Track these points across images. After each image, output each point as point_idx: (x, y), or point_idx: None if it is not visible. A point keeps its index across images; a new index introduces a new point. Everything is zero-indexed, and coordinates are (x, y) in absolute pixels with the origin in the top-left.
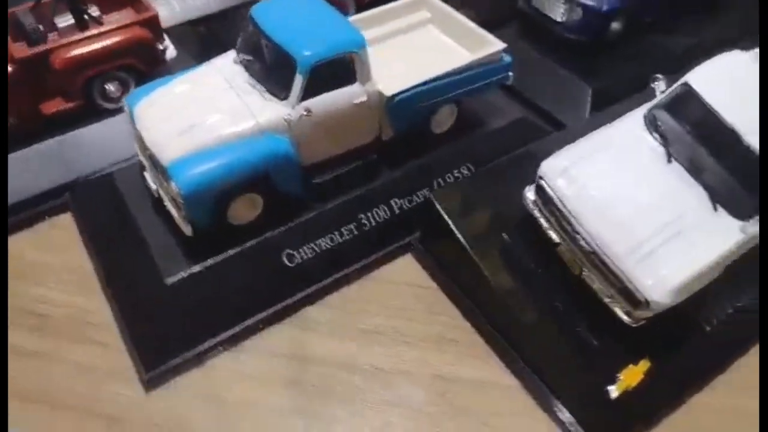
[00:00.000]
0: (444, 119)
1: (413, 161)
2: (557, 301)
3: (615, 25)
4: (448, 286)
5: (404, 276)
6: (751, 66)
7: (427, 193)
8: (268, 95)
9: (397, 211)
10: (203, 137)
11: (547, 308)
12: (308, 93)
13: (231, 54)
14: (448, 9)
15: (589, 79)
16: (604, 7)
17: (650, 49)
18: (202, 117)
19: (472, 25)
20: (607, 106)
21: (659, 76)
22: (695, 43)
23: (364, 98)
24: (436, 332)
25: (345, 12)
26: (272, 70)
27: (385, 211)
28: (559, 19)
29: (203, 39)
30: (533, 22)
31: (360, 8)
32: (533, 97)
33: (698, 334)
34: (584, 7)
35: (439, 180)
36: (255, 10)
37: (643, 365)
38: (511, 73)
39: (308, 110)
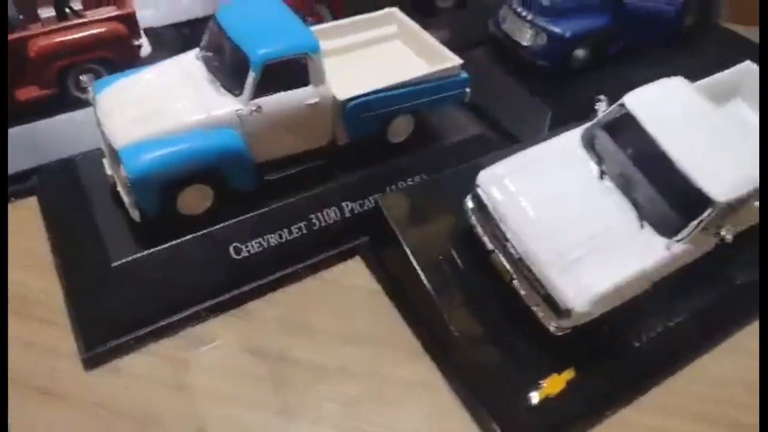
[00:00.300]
0: (401, 129)
1: (369, 168)
2: (491, 308)
3: (579, 52)
4: (392, 289)
5: (351, 278)
6: (691, 93)
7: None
8: (223, 90)
9: (348, 214)
10: (157, 125)
11: (480, 315)
12: (261, 91)
13: (195, 51)
14: (414, 25)
15: (551, 102)
16: (567, 34)
17: (615, 79)
18: (158, 106)
19: (434, 41)
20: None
21: (602, 97)
22: (661, 76)
23: (316, 100)
24: (376, 333)
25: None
26: (229, 67)
27: (336, 213)
28: (525, 44)
29: (185, 41)
30: (503, 46)
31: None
32: (495, 115)
33: (627, 349)
34: (549, 33)
35: (393, 188)
36: (220, 12)
37: (567, 374)
38: (468, 90)
39: (259, 107)
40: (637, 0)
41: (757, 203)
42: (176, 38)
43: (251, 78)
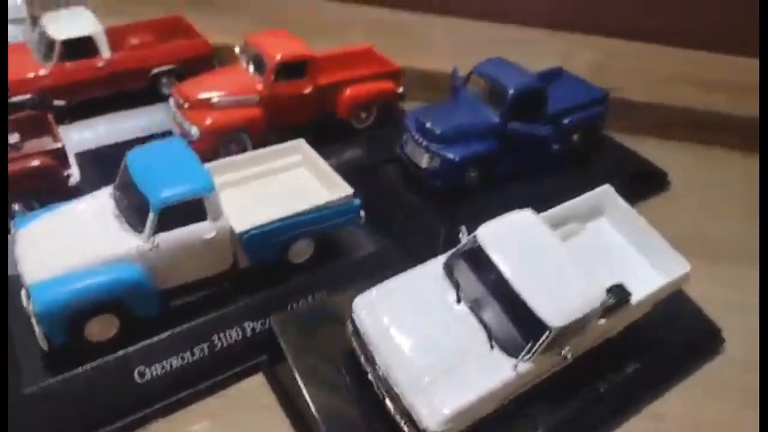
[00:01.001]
0: (301, 251)
1: (271, 287)
2: (369, 427)
3: (472, 174)
4: (286, 405)
5: (251, 394)
6: (536, 225)
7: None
8: (127, 227)
9: (250, 334)
10: (65, 261)
11: None
12: (161, 227)
13: (109, 189)
14: (315, 155)
15: (446, 220)
16: (456, 158)
17: (508, 197)
18: (67, 242)
19: (330, 171)
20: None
21: (462, 228)
22: (550, 192)
23: (213, 234)
24: None
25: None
26: (134, 207)
27: (238, 333)
28: (423, 166)
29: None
30: (407, 168)
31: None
32: (396, 232)
33: None
34: (441, 157)
35: (293, 305)
36: (129, 154)
37: None
38: (363, 214)
39: (157, 244)
40: (519, 126)
41: (602, 321)
42: (111, 157)
43: (151, 219)
